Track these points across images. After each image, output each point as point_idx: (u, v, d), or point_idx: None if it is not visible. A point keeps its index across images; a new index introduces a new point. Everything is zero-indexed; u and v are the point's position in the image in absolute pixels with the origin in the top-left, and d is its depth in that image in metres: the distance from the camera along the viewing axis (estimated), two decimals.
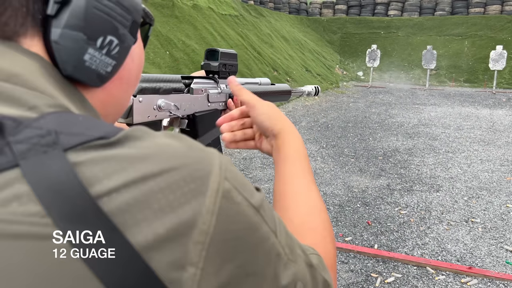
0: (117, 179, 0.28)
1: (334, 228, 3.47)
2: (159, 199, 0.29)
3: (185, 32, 9.13)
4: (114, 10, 0.40)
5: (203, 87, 0.87)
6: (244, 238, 0.32)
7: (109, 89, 0.43)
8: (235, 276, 0.32)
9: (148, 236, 0.28)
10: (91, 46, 0.38)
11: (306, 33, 18.38)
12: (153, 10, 8.70)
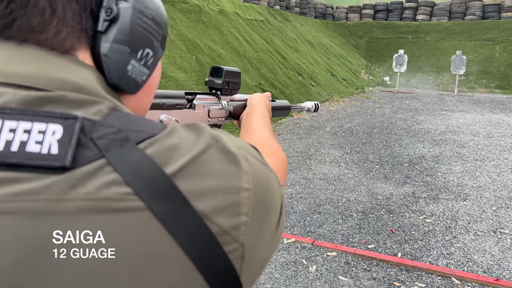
0: (181, 160, 0.36)
1: (357, 235, 3.45)
2: (212, 168, 0.37)
3: (211, 37, 9.25)
4: (151, 26, 0.45)
5: (205, 103, 0.91)
6: (266, 185, 0.42)
7: (140, 96, 0.48)
8: (266, 214, 0.41)
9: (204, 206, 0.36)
10: (133, 57, 0.43)
11: (331, 37, 18.30)
12: (181, 16, 8.86)
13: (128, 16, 0.42)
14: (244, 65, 9.40)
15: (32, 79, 0.36)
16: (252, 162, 0.41)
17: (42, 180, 0.32)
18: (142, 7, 0.43)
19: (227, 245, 0.37)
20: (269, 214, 0.42)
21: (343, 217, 3.82)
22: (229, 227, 0.37)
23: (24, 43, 0.38)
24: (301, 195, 4.36)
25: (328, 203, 4.15)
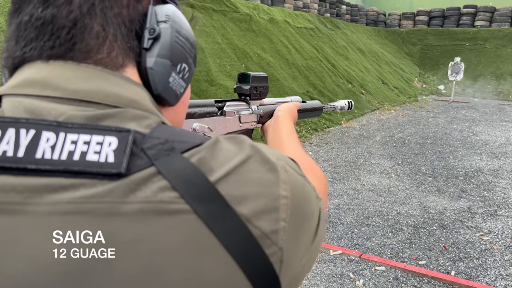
0: (223, 168, 0.40)
1: (407, 250, 3.32)
2: (252, 176, 0.40)
3: (261, 45, 9.34)
4: (186, 44, 0.50)
5: (235, 109, 0.93)
6: (303, 194, 0.45)
7: (177, 108, 0.53)
8: (303, 221, 0.44)
9: (246, 210, 0.39)
10: (174, 70, 0.48)
11: (383, 45, 17.88)
12: (232, 25, 9.03)
13: (168, 34, 0.47)
14: (292, 73, 9.40)
15: (91, 95, 0.41)
16: (290, 172, 0.44)
17: (103, 185, 0.36)
18: (178, 28, 0.49)
19: (268, 248, 0.40)
20: (306, 223, 0.45)
21: (392, 230, 3.70)
22: (269, 231, 0.40)
23: (83, 63, 0.42)
24: (349, 206, 4.27)
25: (377, 215, 4.04)
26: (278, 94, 8.22)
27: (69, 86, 0.41)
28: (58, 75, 0.41)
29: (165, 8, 0.48)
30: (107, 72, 0.43)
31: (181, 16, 0.50)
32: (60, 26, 0.41)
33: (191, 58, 0.52)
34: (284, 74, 9.02)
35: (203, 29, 8.00)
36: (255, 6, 10.71)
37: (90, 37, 0.42)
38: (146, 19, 0.46)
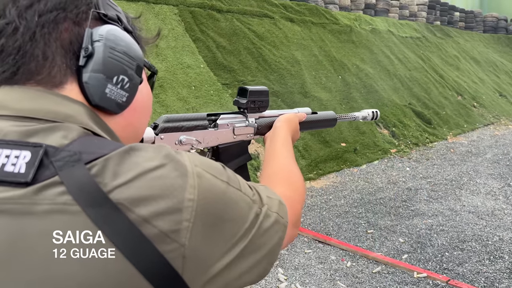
0: (127, 175, 0.45)
1: (506, 281, 2.97)
2: (158, 182, 0.46)
3: (360, 57, 9.14)
4: (123, 58, 0.56)
5: (229, 122, 0.96)
6: (218, 198, 0.50)
7: (127, 117, 0.59)
8: (216, 223, 0.49)
9: (145, 212, 0.44)
10: (109, 82, 0.55)
11: (503, 53, 16.17)
12: (330, 37, 9.00)
13: (100, 51, 0.53)
14: (394, 84, 9.01)
15: (35, 112, 0.49)
16: (205, 178, 0.49)
17: (16, 191, 0.44)
18: (113, 44, 0.55)
19: (167, 245, 0.44)
20: (221, 224, 0.49)
21: (491, 257, 3.34)
22: (169, 230, 0.45)
23: (27, 84, 0.51)
24: (443, 227, 3.95)
25: (475, 240, 3.68)
26: (376, 106, 7.95)
27: (16, 105, 0.49)
28: (7, 98, 0.50)
29: (100, 29, 0.54)
30: (47, 92, 0.51)
31: (119, 33, 0.56)
32: (7, 54, 0.50)
33: (132, 70, 0.57)
34: (384, 86, 8.69)
35: (300, 42, 8.12)
36: (356, 17, 10.53)
37: (31, 60, 0.50)
38: (84, 40, 0.53)
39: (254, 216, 0.54)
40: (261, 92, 1.00)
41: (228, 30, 7.05)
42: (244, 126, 0.99)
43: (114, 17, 0.58)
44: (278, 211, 0.61)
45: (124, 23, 0.60)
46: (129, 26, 0.62)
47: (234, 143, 0.97)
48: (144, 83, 0.64)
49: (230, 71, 6.46)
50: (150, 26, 6.05)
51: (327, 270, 3.18)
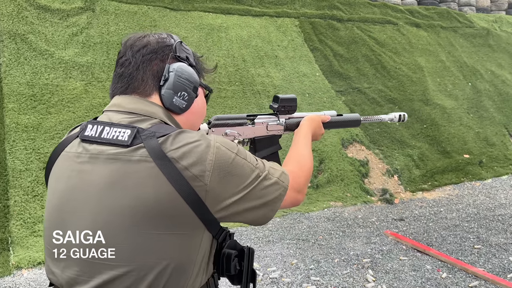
0: (178, 144, 0.81)
1: None
2: (196, 150, 0.81)
3: (497, 62, 8.34)
4: (184, 82, 0.93)
5: (263, 121, 1.30)
6: (228, 161, 0.83)
7: (187, 116, 0.98)
8: (226, 175, 0.82)
9: (186, 163, 0.80)
10: (175, 95, 0.93)
11: None
12: (462, 41, 8.41)
13: (172, 77, 0.92)
14: None
15: (136, 110, 0.89)
16: (221, 149, 0.84)
17: (123, 149, 0.81)
18: (179, 74, 0.93)
19: (195, 182, 0.79)
20: (229, 177, 0.83)
21: None
22: (197, 174, 0.80)
23: (133, 94, 0.91)
24: None
25: None
26: None
27: (126, 106, 0.90)
28: (122, 102, 0.90)
29: (174, 65, 0.92)
30: (142, 99, 0.91)
31: (184, 67, 0.93)
32: (124, 77, 0.92)
33: (190, 89, 0.94)
34: None
35: (426, 48, 7.79)
36: (496, 19, 9.61)
37: (136, 81, 0.91)
38: (164, 71, 0.92)
39: (255, 176, 0.87)
40: (290, 99, 1.32)
41: (347, 38, 7.18)
42: (275, 124, 1.31)
43: (184, 57, 0.96)
44: (279, 177, 0.93)
45: (190, 61, 0.97)
46: (194, 61, 0.98)
47: (267, 136, 1.28)
48: (200, 97, 1.00)
49: (346, 78, 6.59)
50: (272, 38, 6.55)
51: (419, 278, 3.15)
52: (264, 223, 0.93)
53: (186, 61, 0.95)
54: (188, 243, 0.81)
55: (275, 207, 0.92)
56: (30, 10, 5.03)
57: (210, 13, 6.37)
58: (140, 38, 0.94)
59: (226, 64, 5.85)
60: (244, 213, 0.86)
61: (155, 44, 0.93)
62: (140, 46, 0.92)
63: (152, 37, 0.95)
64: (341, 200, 4.87)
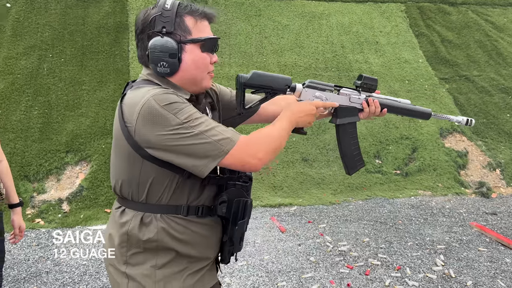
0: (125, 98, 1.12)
1: None
2: (133, 101, 1.07)
3: None
4: (160, 54, 1.09)
5: (347, 92, 1.41)
6: (152, 112, 1.02)
7: (180, 75, 1.13)
8: (148, 123, 1.02)
9: (126, 109, 1.09)
10: (157, 66, 1.10)
11: None
12: None
13: (150, 54, 1.09)
14: None
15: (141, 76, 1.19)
16: (151, 103, 1.01)
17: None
18: (153, 49, 1.09)
19: (128, 123, 1.06)
20: (151, 123, 1.01)
21: None
22: (129, 118, 1.05)
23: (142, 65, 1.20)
24: None
25: None
26: None
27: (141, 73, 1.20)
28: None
29: (150, 42, 1.08)
30: (145, 68, 1.17)
31: (157, 41, 1.07)
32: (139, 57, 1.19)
33: (166, 57, 1.08)
34: None
35: None
36: None
37: (140, 58, 1.17)
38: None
39: (178, 127, 1.01)
40: (372, 79, 1.43)
41: (459, 23, 6.78)
42: (357, 98, 1.42)
43: (159, 29, 1.08)
44: (218, 140, 1.03)
45: (166, 29, 1.08)
46: (173, 26, 1.08)
47: (348, 107, 1.42)
48: (190, 53, 1.12)
49: (453, 65, 6.27)
50: (374, 24, 6.53)
51: (493, 268, 3.07)
52: (199, 174, 1.06)
53: (160, 33, 1.07)
54: (129, 166, 1.09)
55: (203, 162, 1.03)
56: (154, 3, 5.84)
57: (313, 1, 6.58)
58: (137, 18, 1.13)
59: (324, 50, 6.04)
60: (173, 157, 1.03)
61: (140, 24, 1.11)
62: (136, 28, 1.13)
63: (141, 16, 1.12)
64: (431, 190, 4.77)
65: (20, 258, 3.19)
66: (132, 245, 1.14)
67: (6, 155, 4.80)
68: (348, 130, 1.44)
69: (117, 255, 1.18)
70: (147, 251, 1.14)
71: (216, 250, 1.25)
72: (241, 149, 1.06)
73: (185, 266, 1.17)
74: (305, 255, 3.27)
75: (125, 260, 1.16)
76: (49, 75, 4.95)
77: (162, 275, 1.13)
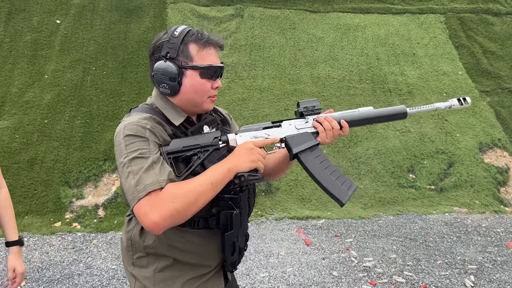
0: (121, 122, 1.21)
1: None
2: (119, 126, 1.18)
3: None
4: (162, 76, 1.19)
5: (289, 122, 1.30)
6: (116, 142, 1.13)
7: (180, 97, 1.21)
8: (115, 147, 1.14)
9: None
10: (160, 87, 1.21)
11: None
12: None
13: (154, 76, 1.20)
14: None
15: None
16: (119, 133, 1.12)
17: None
18: (156, 71, 1.19)
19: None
20: (116, 149, 1.12)
21: None
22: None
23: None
24: None
25: None
26: None
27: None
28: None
29: (155, 65, 1.19)
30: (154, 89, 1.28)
31: (160, 65, 1.17)
32: (150, 76, 1.27)
33: (167, 80, 1.17)
34: None
35: None
36: None
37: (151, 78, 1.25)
38: None
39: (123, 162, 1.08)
40: (310, 101, 1.33)
41: (503, 33, 6.53)
42: (304, 123, 1.31)
43: (164, 55, 1.18)
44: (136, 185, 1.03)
45: (170, 55, 1.17)
46: (176, 52, 1.16)
47: (297, 134, 1.29)
48: (190, 78, 1.18)
49: (495, 77, 6.03)
50: (412, 35, 6.41)
51: None
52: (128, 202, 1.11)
53: (164, 57, 1.17)
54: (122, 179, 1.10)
55: (128, 197, 1.06)
56: (192, 18, 6.05)
57: (349, 13, 6.56)
58: (152, 41, 1.24)
59: (359, 62, 6.00)
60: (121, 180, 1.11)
61: (151, 48, 1.22)
62: (149, 50, 1.23)
63: (154, 40, 1.22)
64: (467, 207, 4.60)
65: (56, 260, 3.39)
66: (136, 250, 1.24)
67: (50, 162, 5.16)
68: (311, 155, 1.27)
69: (126, 257, 1.29)
70: (150, 256, 1.23)
71: (217, 258, 1.30)
72: (145, 204, 1.03)
73: (184, 272, 1.23)
74: (328, 269, 3.25)
75: (132, 262, 1.26)
76: (92, 87, 5.24)
77: (161, 278, 1.21)
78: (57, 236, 3.84)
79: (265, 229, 4.04)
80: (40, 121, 4.83)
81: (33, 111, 4.89)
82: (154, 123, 1.16)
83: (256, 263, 3.35)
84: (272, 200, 4.56)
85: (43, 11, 5.77)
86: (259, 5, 6.43)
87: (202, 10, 6.16)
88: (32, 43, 5.45)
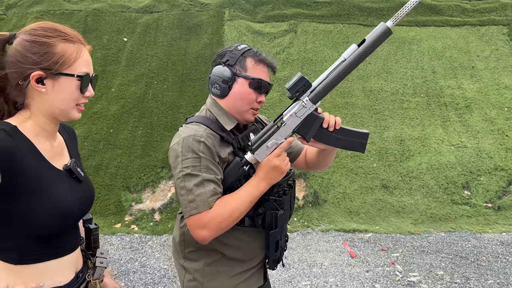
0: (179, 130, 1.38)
1: None
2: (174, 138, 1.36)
3: None
4: (216, 78, 1.36)
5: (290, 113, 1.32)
6: (172, 157, 1.30)
7: (227, 100, 1.38)
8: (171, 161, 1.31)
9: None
10: (212, 87, 1.38)
11: None
12: None
13: (211, 77, 1.39)
14: None
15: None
16: (174, 148, 1.29)
17: None
18: (213, 73, 1.38)
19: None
20: (171, 163, 1.30)
21: None
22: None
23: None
24: None
25: None
26: None
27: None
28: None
29: (215, 68, 1.37)
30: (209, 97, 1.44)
31: (218, 69, 1.34)
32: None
33: (220, 82, 1.33)
34: None
35: None
36: None
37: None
38: None
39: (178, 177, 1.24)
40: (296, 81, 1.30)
41: None
42: (302, 106, 1.30)
43: (224, 61, 1.35)
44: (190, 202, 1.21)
45: (228, 62, 1.33)
46: (234, 61, 1.33)
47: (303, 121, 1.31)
48: (239, 85, 1.33)
49: None
50: (471, 48, 6.22)
51: None
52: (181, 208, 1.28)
53: (223, 63, 1.34)
54: None
55: (181, 208, 1.27)
56: (247, 34, 6.31)
57: (404, 26, 6.50)
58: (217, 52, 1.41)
59: (413, 75, 5.91)
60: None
61: (216, 56, 1.39)
62: (213, 59, 1.41)
63: (219, 51, 1.39)
64: None
65: (115, 257, 3.69)
66: (188, 244, 1.40)
67: (113, 168, 5.64)
68: (324, 133, 1.35)
69: (178, 251, 1.45)
70: (200, 250, 1.38)
71: (261, 256, 1.43)
72: (196, 221, 1.22)
73: (231, 267, 1.38)
74: (371, 282, 3.25)
75: (184, 255, 1.42)
76: (153, 100, 5.64)
77: (210, 272, 1.37)
78: (117, 236, 4.17)
79: (311, 240, 4.11)
80: (106, 130, 5.27)
81: (100, 121, 5.35)
82: (208, 134, 1.30)
83: (299, 271, 3.43)
84: (319, 211, 4.62)
85: (112, 30, 6.31)
86: (312, 20, 6.56)
87: (257, 27, 6.40)
88: (102, 59, 5.98)
